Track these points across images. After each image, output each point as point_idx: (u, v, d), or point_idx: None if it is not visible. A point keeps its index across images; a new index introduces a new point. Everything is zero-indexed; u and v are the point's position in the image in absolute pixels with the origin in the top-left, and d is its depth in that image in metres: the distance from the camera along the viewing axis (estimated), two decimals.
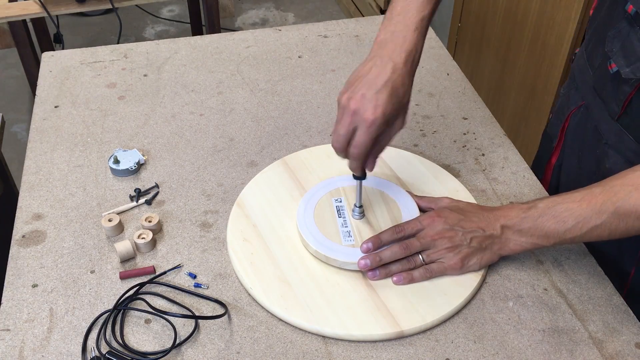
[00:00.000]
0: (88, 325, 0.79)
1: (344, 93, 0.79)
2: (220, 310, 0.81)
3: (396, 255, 0.83)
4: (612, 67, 0.84)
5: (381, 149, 0.82)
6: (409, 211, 0.90)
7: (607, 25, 0.85)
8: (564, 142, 1.04)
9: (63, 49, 1.51)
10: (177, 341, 0.77)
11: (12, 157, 1.73)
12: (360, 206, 0.90)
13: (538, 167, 1.11)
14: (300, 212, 0.90)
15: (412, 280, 0.83)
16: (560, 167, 1.06)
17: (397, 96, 0.78)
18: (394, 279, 0.83)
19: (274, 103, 1.17)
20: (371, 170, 0.84)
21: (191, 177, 1.01)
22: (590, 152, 0.96)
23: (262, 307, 0.81)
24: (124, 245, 0.86)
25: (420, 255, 0.83)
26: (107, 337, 0.78)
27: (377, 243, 0.84)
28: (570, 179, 1.03)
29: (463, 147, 1.08)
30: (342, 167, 1.00)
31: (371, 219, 0.90)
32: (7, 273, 0.85)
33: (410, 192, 0.93)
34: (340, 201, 0.92)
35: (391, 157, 1.02)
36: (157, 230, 0.91)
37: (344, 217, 0.90)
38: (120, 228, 0.91)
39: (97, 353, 0.75)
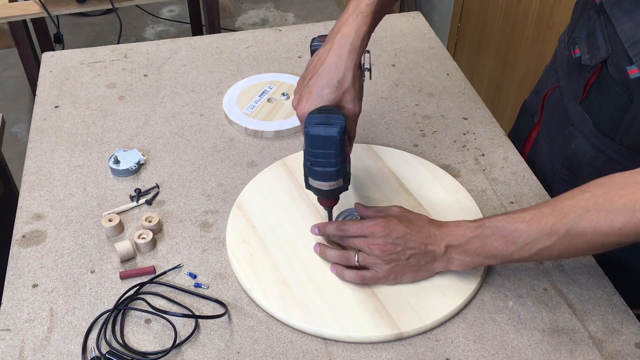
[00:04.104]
0: (88, 325, 0.79)
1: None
2: (220, 310, 0.81)
3: (334, 259, 0.85)
4: (576, 52, 0.87)
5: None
6: None
7: (581, 11, 0.88)
8: (542, 119, 1.05)
9: (63, 49, 1.51)
10: (177, 341, 0.77)
11: (12, 157, 1.73)
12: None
13: (517, 139, 1.10)
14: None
15: (342, 277, 0.83)
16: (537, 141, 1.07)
17: (332, 85, 0.78)
18: (330, 267, 0.85)
19: None
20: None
21: (191, 177, 1.01)
22: (560, 131, 0.97)
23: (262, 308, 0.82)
24: (124, 245, 0.86)
25: (355, 256, 0.82)
26: (107, 337, 0.78)
27: (322, 231, 0.88)
28: (544, 154, 1.04)
29: (463, 147, 1.08)
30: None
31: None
32: (7, 273, 0.85)
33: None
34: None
35: (391, 157, 1.02)
36: (157, 230, 0.91)
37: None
38: (120, 228, 0.91)
39: (97, 353, 0.75)
